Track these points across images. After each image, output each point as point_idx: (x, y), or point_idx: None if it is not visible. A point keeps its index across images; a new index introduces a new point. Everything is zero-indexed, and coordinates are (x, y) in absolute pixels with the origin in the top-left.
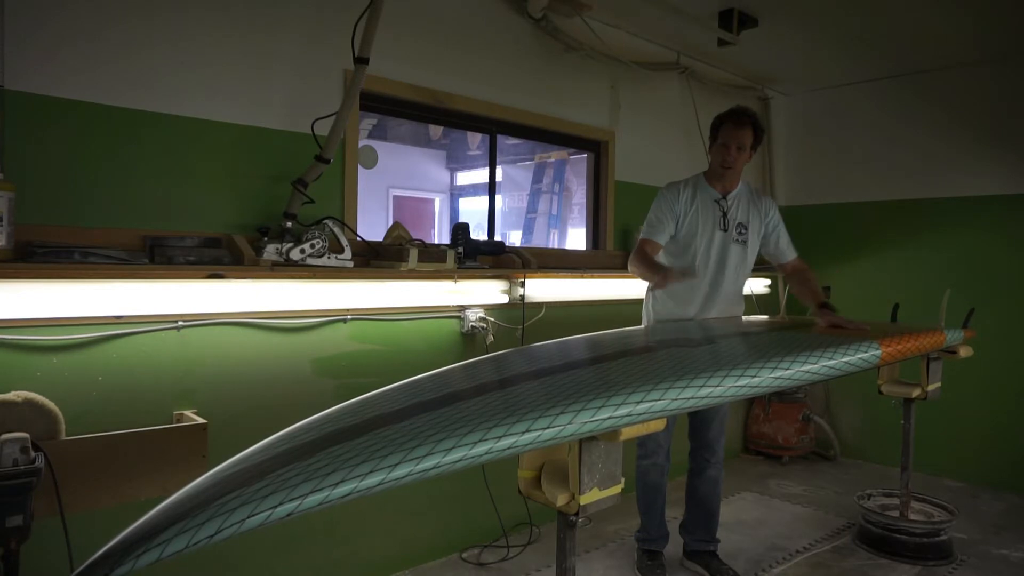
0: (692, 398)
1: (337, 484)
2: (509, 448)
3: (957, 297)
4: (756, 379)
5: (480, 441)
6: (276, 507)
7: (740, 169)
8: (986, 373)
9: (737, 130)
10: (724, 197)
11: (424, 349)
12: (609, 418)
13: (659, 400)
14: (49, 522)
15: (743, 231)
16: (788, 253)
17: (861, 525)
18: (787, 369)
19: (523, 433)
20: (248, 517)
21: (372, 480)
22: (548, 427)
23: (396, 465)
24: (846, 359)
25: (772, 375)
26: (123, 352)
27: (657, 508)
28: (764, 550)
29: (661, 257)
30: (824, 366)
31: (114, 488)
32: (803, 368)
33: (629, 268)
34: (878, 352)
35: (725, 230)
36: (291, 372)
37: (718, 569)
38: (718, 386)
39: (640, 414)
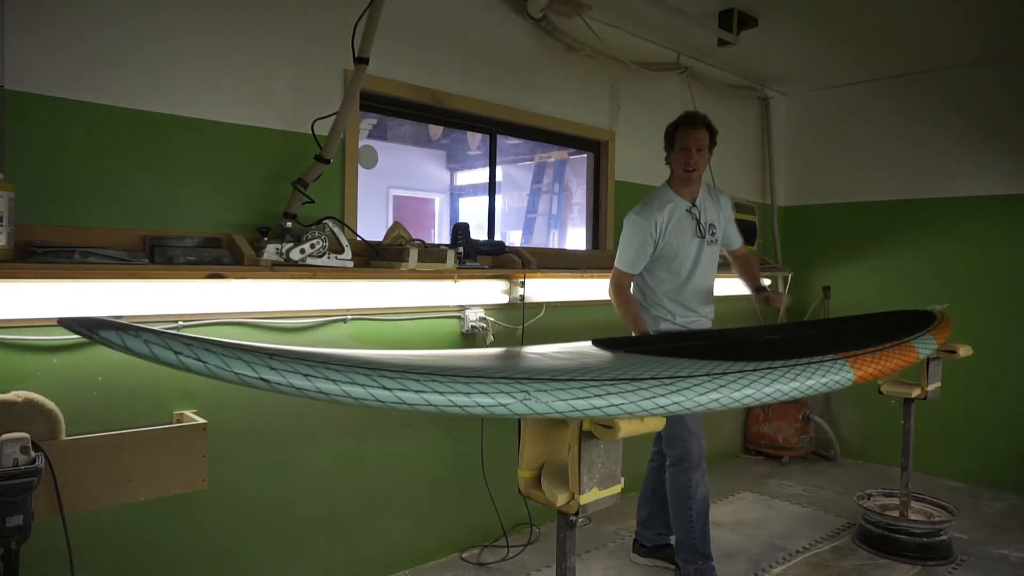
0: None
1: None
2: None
3: (958, 297)
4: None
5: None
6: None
7: (703, 171)
8: (986, 373)
9: (693, 131)
10: (694, 204)
11: (424, 349)
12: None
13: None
14: (49, 522)
15: (714, 231)
16: (737, 240)
17: (861, 525)
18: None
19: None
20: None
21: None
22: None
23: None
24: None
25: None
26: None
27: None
28: (764, 550)
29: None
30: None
31: (114, 488)
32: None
33: (612, 301)
34: (851, 375)
35: (702, 236)
36: None
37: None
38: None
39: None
